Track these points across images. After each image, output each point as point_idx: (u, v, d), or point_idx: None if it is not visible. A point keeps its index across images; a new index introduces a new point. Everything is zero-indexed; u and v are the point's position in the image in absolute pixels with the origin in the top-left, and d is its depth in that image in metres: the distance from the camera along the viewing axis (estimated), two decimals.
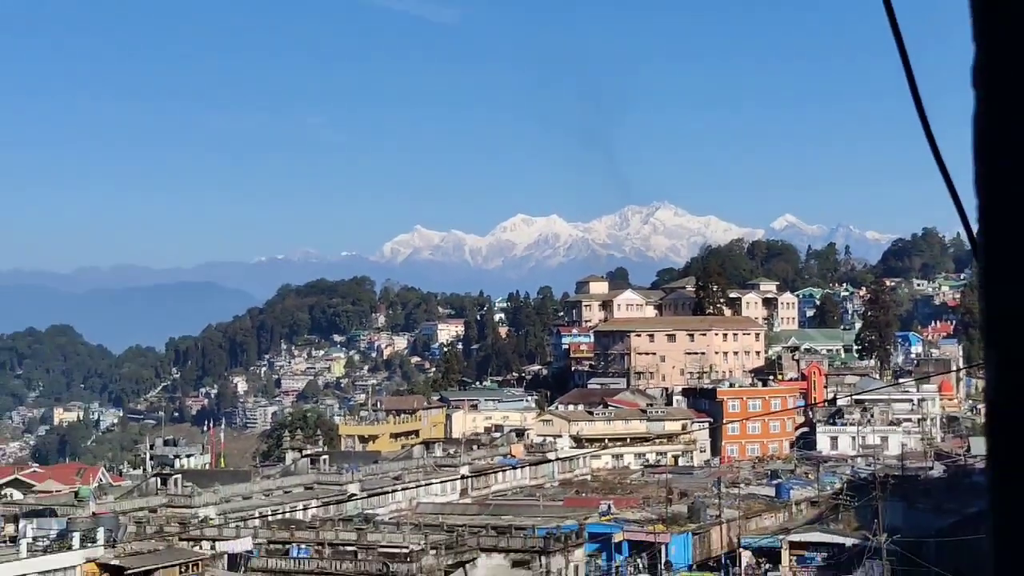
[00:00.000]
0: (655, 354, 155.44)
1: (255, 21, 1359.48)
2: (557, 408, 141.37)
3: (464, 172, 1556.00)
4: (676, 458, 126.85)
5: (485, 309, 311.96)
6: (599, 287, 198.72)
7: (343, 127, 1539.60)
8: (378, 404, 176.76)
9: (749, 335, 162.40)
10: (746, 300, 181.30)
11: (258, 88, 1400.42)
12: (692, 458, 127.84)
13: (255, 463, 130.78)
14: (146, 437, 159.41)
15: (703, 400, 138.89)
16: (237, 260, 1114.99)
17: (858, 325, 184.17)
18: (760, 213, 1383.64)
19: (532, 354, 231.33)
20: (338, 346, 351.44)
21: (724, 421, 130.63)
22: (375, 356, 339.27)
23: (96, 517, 61.37)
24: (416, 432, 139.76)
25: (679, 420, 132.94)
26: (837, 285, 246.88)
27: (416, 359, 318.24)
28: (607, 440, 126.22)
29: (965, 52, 1.91)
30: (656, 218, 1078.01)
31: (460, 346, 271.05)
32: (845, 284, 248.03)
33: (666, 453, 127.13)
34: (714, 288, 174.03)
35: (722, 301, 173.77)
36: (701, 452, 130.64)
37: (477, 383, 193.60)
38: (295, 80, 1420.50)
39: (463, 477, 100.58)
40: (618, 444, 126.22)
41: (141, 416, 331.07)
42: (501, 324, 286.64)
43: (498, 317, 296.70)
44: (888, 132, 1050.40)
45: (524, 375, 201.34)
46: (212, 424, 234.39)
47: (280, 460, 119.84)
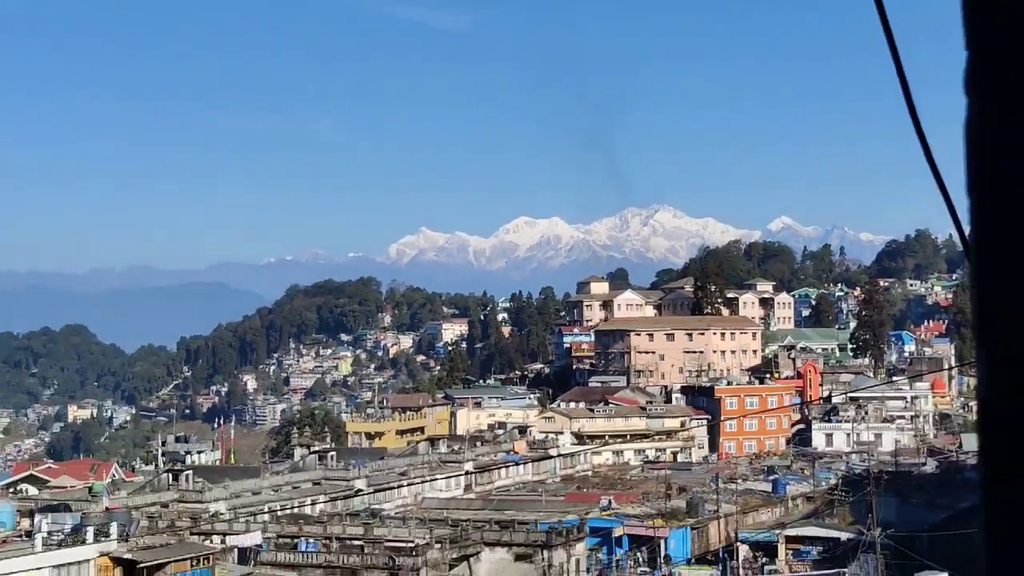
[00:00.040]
0: (654, 353, 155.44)
1: (265, 26, 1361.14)
2: (559, 406, 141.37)
3: (468, 175, 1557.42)
4: (675, 454, 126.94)
5: (488, 309, 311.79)
6: (600, 287, 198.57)
7: (350, 131, 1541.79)
8: (384, 402, 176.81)
9: (746, 334, 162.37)
10: (743, 300, 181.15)
11: (268, 92, 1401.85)
12: (691, 454, 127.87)
13: (264, 459, 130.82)
14: (158, 434, 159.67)
15: (701, 398, 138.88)
16: (247, 261, 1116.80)
17: (852, 324, 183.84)
18: (757, 215, 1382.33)
19: (534, 353, 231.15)
20: (345, 345, 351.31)
21: (722, 418, 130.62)
22: (381, 355, 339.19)
23: (109, 512, 61.42)
24: (421, 429, 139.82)
25: (678, 417, 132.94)
26: (832, 285, 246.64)
27: (421, 358, 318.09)
28: (607, 437, 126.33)
29: (957, 54, 1.92)
30: (655, 220, 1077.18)
31: (464, 345, 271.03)
32: (840, 284, 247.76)
33: (665, 449, 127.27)
34: (712, 288, 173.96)
35: (720, 301, 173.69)
36: (699, 448, 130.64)
37: (481, 381, 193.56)
38: (304, 84, 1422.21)
39: (467, 473, 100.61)
40: (618, 441, 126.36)
41: (153, 413, 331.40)
42: (504, 324, 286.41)
43: (501, 317, 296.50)
44: (882, 135, 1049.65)
45: (527, 373, 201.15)
46: (222, 421, 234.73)
47: (289, 456, 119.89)
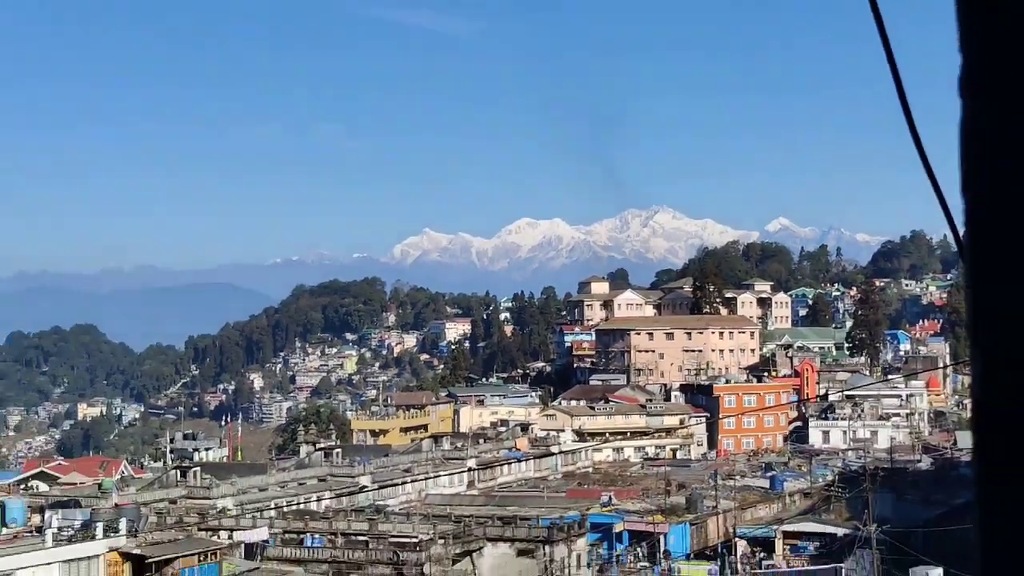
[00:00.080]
0: (654, 352, 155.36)
1: (273, 32, 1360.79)
2: (560, 403, 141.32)
3: (471, 178, 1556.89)
4: (674, 451, 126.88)
5: (491, 308, 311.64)
6: (600, 287, 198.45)
7: (356, 134, 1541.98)
8: (388, 400, 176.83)
9: (744, 333, 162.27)
10: (741, 300, 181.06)
11: (277, 97, 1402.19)
12: (689, 451, 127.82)
13: (271, 456, 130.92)
14: (166, 431, 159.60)
15: (700, 396, 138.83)
16: (254, 262, 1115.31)
17: (849, 324, 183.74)
18: (755, 216, 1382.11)
19: (536, 352, 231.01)
20: (350, 344, 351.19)
21: (720, 416, 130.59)
22: (386, 354, 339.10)
23: (119, 508, 61.35)
24: (425, 427, 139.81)
25: (677, 415, 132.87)
26: (829, 285, 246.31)
27: (425, 356, 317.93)
28: (608, 434, 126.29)
29: (951, 53, 1.92)
30: (655, 221, 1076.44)
31: (467, 344, 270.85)
32: (836, 284, 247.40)
33: (665, 447, 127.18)
34: (711, 288, 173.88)
35: (718, 301, 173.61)
36: (698, 446, 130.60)
37: (483, 379, 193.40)
38: (313, 88, 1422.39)
39: (470, 470, 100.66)
40: (618, 438, 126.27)
41: (162, 411, 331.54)
42: (506, 323, 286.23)
43: (503, 316, 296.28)
44: (878, 137, 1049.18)
45: (528, 372, 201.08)
46: (229, 419, 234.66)
47: (295, 453, 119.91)
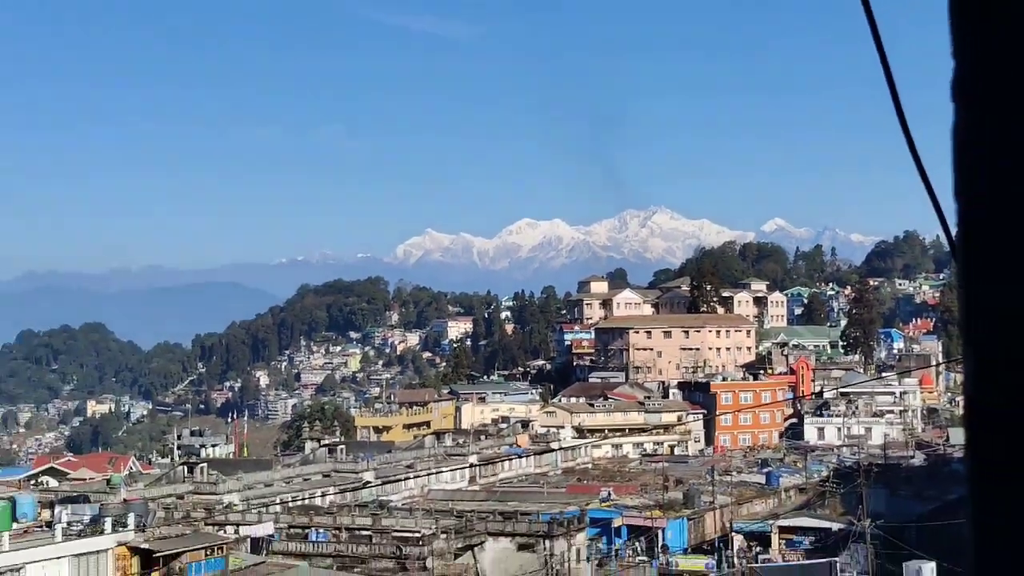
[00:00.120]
0: (652, 350, 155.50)
1: (277, 36, 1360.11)
2: (560, 400, 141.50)
3: (472, 179, 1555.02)
4: (672, 447, 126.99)
5: (492, 307, 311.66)
6: (599, 287, 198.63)
7: (359, 136, 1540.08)
8: (392, 397, 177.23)
9: (741, 332, 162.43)
10: (738, 299, 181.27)
11: (282, 99, 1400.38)
12: (687, 448, 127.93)
13: (276, 452, 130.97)
14: (174, 428, 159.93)
15: (697, 393, 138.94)
16: (259, 261, 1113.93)
17: (843, 322, 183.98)
18: (751, 217, 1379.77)
19: (536, 350, 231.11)
20: (354, 342, 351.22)
21: (717, 413, 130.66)
22: (389, 352, 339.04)
23: (127, 503, 61.48)
24: (427, 423, 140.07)
25: (675, 412, 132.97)
26: (823, 285, 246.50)
27: (427, 355, 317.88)
28: (607, 431, 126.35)
29: (944, 55, 1.90)
30: (653, 222, 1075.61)
31: (469, 342, 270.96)
32: (831, 284, 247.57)
33: (663, 443, 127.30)
34: (708, 288, 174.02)
35: (715, 300, 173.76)
36: (696, 442, 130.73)
37: (485, 377, 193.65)
38: (317, 91, 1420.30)
39: (472, 465, 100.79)
40: (617, 434, 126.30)
41: (169, 408, 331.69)
42: (507, 322, 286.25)
43: (504, 315, 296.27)
44: (872, 139, 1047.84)
45: (529, 370, 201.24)
46: (236, 416, 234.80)
47: (300, 449, 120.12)
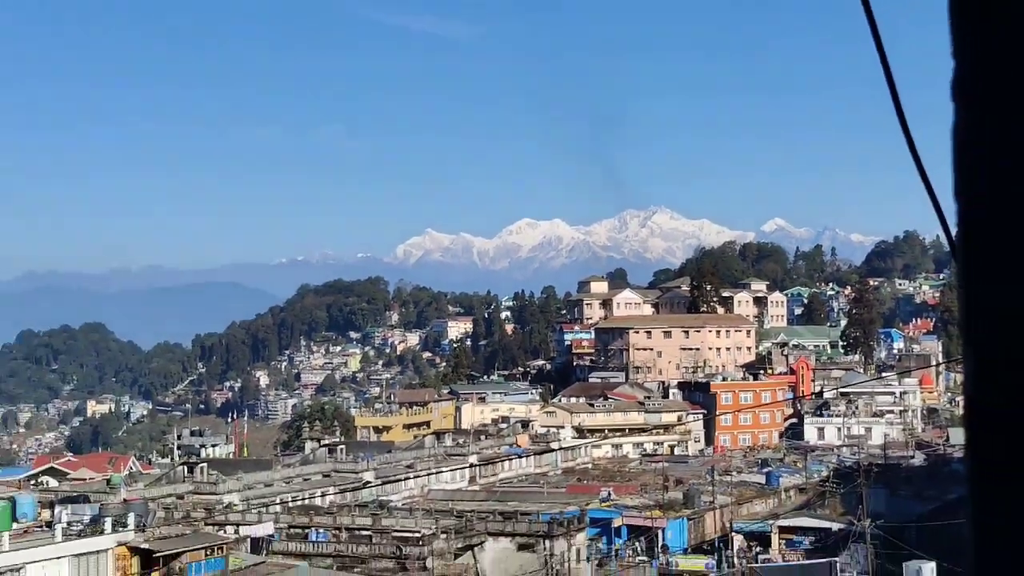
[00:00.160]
0: (652, 350, 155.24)
1: (277, 37, 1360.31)
2: (560, 400, 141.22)
3: (472, 179, 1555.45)
4: (672, 447, 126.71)
5: (492, 307, 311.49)
6: (599, 287, 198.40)
7: (359, 136, 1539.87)
8: (392, 397, 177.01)
9: (741, 332, 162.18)
10: (738, 299, 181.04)
11: (282, 100, 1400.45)
12: (687, 447, 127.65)
13: (276, 452, 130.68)
14: (174, 428, 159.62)
15: (697, 393, 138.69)
16: (259, 262, 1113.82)
17: (843, 322, 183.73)
18: (751, 217, 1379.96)
19: (536, 350, 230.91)
20: (354, 342, 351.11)
21: (717, 413, 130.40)
22: (389, 352, 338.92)
23: (127, 503, 61.19)
24: (427, 423, 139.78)
25: (675, 412, 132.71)
26: (823, 285, 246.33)
27: (427, 355, 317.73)
28: (607, 431, 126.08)
29: (944, 54, 1.88)
30: (653, 222, 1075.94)
31: (469, 342, 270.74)
32: (831, 284, 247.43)
33: (663, 443, 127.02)
34: (708, 288, 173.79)
35: (715, 300, 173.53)
36: (696, 442, 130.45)
37: (485, 377, 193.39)
38: (317, 92, 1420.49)
39: (472, 465, 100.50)
40: (617, 434, 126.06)
41: (169, 408, 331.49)
42: (507, 322, 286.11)
43: (504, 315, 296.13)
44: (872, 140, 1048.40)
45: (529, 370, 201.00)
46: (236, 416, 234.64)
47: (300, 449, 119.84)
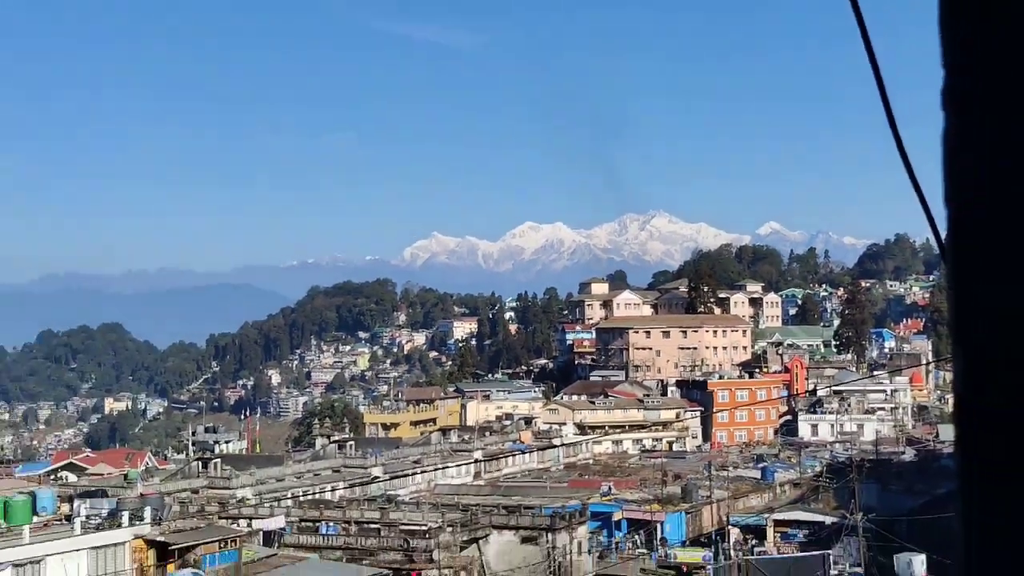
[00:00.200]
0: (651, 349, 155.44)
1: (289, 47, 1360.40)
2: (562, 398, 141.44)
3: (477, 184, 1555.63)
4: (670, 444, 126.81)
5: (496, 308, 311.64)
6: (600, 288, 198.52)
7: (368, 143, 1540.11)
8: (399, 395, 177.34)
9: (737, 332, 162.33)
10: (734, 300, 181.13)
11: (295, 109, 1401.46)
12: (685, 444, 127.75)
13: (287, 448, 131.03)
14: (188, 425, 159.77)
15: (695, 391, 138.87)
16: (271, 264, 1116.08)
17: (836, 322, 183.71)
18: (747, 220, 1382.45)
19: (539, 349, 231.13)
20: (363, 342, 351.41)
21: (714, 410, 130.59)
22: (396, 351, 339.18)
23: (143, 497, 61.53)
24: (434, 420, 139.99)
25: (673, 409, 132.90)
26: (817, 286, 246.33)
27: (434, 354, 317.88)
28: (607, 427, 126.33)
29: (933, 57, 1.87)
30: (652, 225, 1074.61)
31: (474, 342, 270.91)
32: (824, 285, 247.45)
33: (661, 439, 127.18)
34: (705, 289, 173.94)
35: (712, 301, 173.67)
36: (693, 438, 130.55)
37: (489, 375, 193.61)
38: (328, 101, 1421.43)
39: (476, 461, 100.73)
40: (617, 431, 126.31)
41: (184, 406, 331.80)
42: (511, 322, 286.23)
43: (508, 315, 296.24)
44: (865, 145, 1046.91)
45: (532, 368, 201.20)
46: (248, 413, 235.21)
47: (310, 445, 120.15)
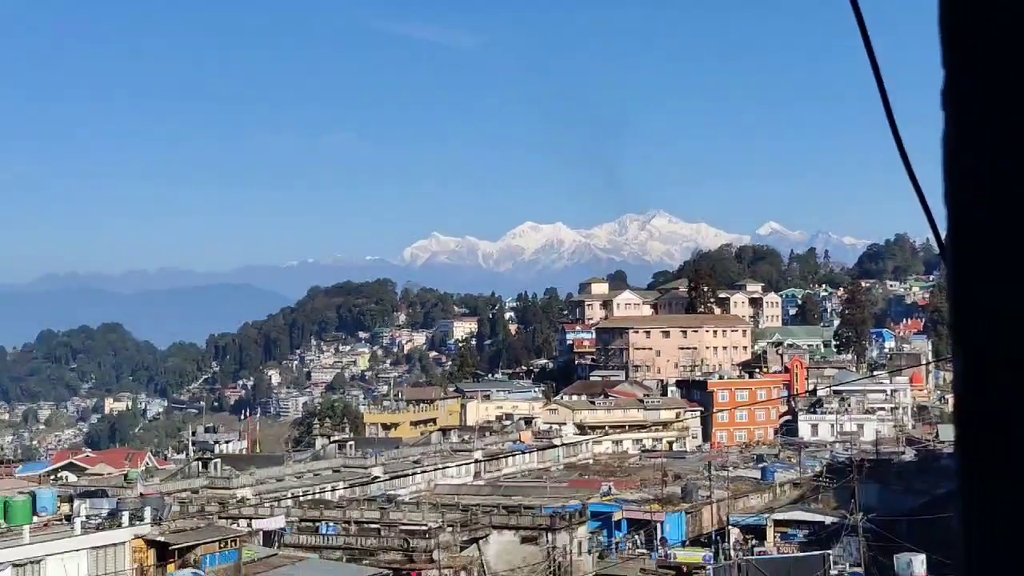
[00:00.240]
0: (651, 349, 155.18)
1: (290, 48, 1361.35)
2: (562, 398, 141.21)
3: (477, 184, 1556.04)
4: (670, 444, 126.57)
5: (496, 308, 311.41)
6: (600, 288, 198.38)
7: (367, 144, 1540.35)
8: (399, 395, 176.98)
9: (737, 332, 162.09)
10: (734, 300, 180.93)
11: (294, 109, 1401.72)
12: (685, 444, 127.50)
13: (287, 448, 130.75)
14: (188, 425, 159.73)
15: (695, 391, 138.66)
16: (271, 264, 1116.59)
17: (836, 322, 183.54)
18: (747, 221, 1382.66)
19: (539, 349, 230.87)
20: (363, 342, 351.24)
21: (714, 410, 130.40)
22: (396, 351, 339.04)
23: (143, 497, 61.34)
24: (434, 420, 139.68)
25: (673, 409, 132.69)
26: (817, 286, 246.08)
27: (434, 354, 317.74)
28: (607, 427, 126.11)
29: (933, 54, 1.85)
30: (652, 225, 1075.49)
31: (474, 342, 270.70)
32: (824, 285, 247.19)
33: (661, 439, 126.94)
34: (705, 289, 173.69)
35: (712, 301, 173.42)
36: (693, 438, 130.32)
37: (489, 375, 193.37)
38: (327, 102, 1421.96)
39: (476, 461, 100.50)
40: (617, 431, 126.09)
41: (184, 406, 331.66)
42: (511, 322, 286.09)
43: (508, 315, 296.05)
44: (865, 146, 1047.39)
45: (532, 368, 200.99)
46: (248, 413, 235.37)
47: (310, 446, 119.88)
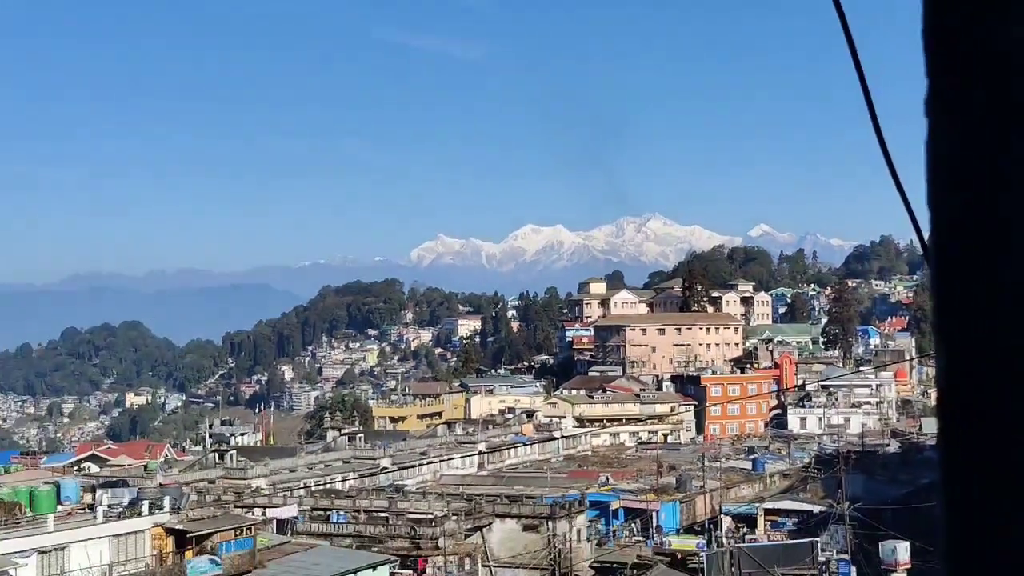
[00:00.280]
0: (647, 346, 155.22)
1: (300, 59, 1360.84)
2: (562, 393, 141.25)
3: (481, 188, 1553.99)
4: (666, 436, 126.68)
5: (499, 307, 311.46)
6: (598, 287, 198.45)
7: (376, 149, 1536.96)
8: (407, 389, 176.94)
9: (729, 329, 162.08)
10: (726, 299, 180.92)
11: (307, 116, 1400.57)
12: (679, 436, 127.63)
13: (300, 440, 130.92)
14: (206, 418, 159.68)
15: (689, 386, 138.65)
16: (285, 264, 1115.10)
17: (824, 320, 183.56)
18: (738, 223, 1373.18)
19: (540, 346, 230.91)
20: (372, 339, 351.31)
21: (707, 404, 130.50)
22: (404, 348, 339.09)
23: (163, 487, 61.47)
24: (440, 414, 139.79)
25: (668, 403, 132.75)
26: (805, 285, 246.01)
27: (439, 350, 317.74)
28: (605, 420, 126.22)
29: (917, 56, 1.76)
30: (648, 227, 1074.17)
31: (477, 339, 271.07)
32: (812, 285, 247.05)
33: (657, 432, 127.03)
34: (698, 288, 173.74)
35: (705, 300, 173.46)
36: (687, 431, 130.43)
37: (492, 371, 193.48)
38: (338, 109, 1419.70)
39: (480, 453, 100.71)
40: (615, 424, 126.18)
41: (201, 400, 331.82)
42: (513, 320, 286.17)
43: (511, 314, 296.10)
44: (851, 150, 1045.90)
45: (533, 364, 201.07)
46: (263, 407, 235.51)
47: (322, 438, 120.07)
